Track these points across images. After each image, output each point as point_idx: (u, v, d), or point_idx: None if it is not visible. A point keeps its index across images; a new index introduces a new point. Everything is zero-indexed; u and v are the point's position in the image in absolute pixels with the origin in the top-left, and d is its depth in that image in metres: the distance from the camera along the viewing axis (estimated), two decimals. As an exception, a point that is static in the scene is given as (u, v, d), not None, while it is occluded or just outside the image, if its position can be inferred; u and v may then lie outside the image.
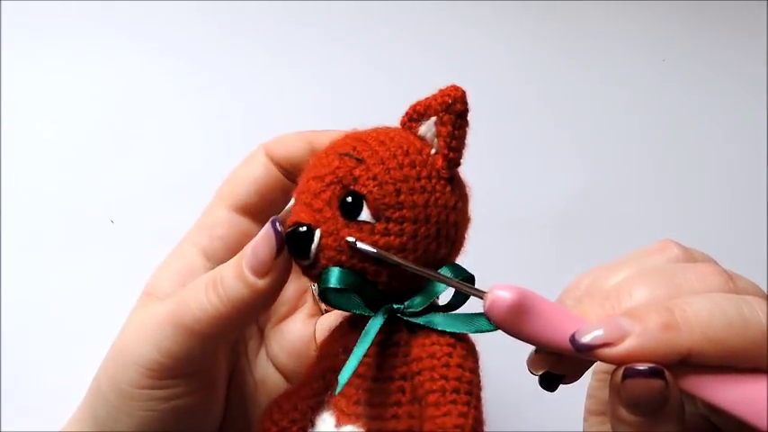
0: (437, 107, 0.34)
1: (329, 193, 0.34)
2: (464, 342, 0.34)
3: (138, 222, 0.59)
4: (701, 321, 0.31)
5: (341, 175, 0.34)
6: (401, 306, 0.34)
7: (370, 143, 0.34)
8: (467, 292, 0.34)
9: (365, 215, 0.33)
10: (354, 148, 0.34)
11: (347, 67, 0.66)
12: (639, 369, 0.31)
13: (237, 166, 0.43)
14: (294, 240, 0.34)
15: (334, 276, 0.33)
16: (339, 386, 0.33)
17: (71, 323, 0.56)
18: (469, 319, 0.33)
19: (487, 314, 0.32)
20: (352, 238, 0.33)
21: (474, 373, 0.33)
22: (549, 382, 0.36)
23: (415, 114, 0.35)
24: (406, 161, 0.34)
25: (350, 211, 0.33)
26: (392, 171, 0.33)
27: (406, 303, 0.34)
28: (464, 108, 0.34)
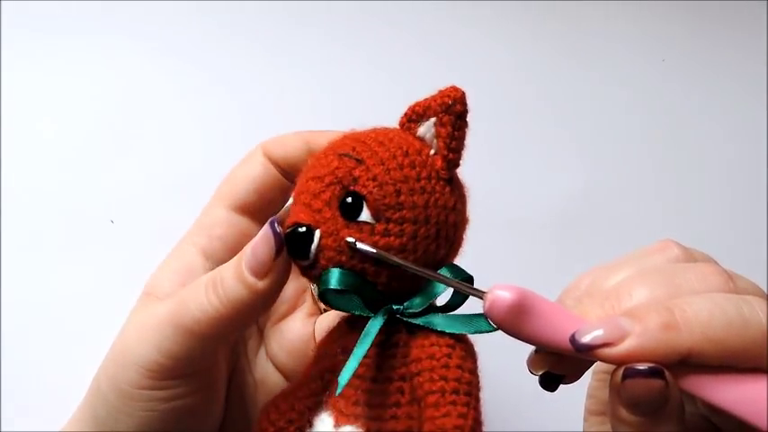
0: (437, 108, 0.34)
1: (329, 194, 0.34)
2: (463, 343, 0.34)
3: (138, 222, 0.59)
4: (701, 321, 0.31)
5: (340, 175, 0.34)
6: (400, 307, 0.34)
7: (369, 144, 0.34)
8: (467, 293, 0.34)
9: (365, 216, 0.33)
10: (354, 149, 0.34)
11: (347, 67, 0.66)
12: (639, 369, 0.31)
13: (236, 166, 0.43)
14: (293, 241, 0.34)
15: (334, 278, 0.33)
16: (339, 387, 0.33)
17: (71, 323, 0.56)
18: (469, 320, 0.34)
19: (487, 314, 0.32)
20: (352, 239, 0.33)
21: (473, 373, 0.33)
22: (549, 382, 0.36)
23: (414, 115, 0.35)
24: (406, 162, 0.34)
25: (350, 211, 0.33)
26: (392, 172, 0.33)
27: (405, 304, 0.34)
28: (464, 109, 0.34)
